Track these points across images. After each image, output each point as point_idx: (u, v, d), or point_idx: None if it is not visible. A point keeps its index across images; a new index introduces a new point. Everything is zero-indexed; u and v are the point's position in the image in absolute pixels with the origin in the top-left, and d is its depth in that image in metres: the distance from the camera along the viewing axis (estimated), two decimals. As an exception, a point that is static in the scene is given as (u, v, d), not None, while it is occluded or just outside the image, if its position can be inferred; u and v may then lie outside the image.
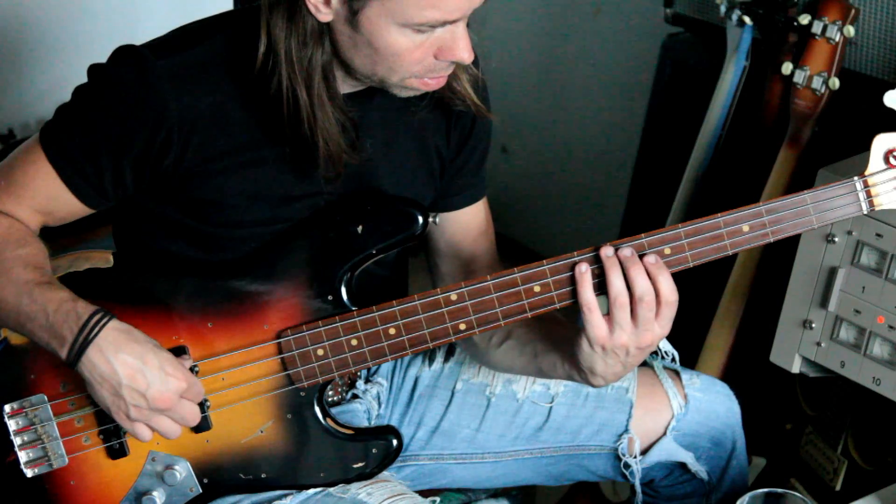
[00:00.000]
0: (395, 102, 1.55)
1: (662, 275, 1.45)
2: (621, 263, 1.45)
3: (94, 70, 1.50)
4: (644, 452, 1.74)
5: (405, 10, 1.38)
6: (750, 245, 1.49)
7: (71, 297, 1.45)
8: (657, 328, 1.46)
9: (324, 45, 1.44)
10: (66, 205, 1.52)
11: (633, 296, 1.45)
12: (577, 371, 1.52)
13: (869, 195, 1.48)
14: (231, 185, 1.51)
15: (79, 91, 1.51)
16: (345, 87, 1.52)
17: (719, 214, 1.48)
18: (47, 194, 1.51)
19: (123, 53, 1.48)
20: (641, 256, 1.46)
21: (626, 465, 1.74)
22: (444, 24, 1.40)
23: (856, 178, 1.48)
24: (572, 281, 1.48)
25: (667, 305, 1.46)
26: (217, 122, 1.48)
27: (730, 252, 1.49)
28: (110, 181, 1.50)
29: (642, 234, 1.48)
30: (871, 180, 1.48)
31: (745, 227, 1.48)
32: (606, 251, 1.46)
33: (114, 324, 1.44)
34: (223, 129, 1.49)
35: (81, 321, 1.42)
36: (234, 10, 1.55)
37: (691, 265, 1.49)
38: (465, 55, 1.44)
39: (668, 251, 1.48)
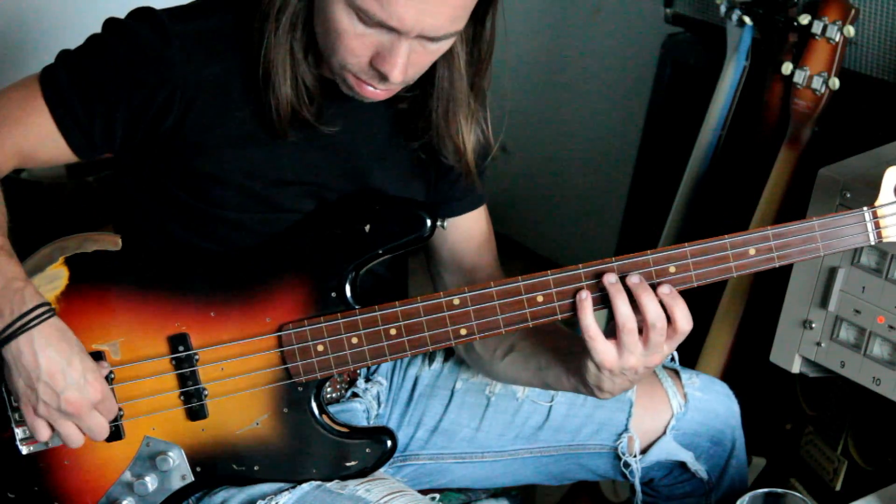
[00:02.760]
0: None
1: (678, 305, 1.44)
2: (629, 290, 1.44)
3: (109, 22, 1.52)
4: (644, 452, 1.74)
5: None
6: (755, 269, 1.48)
7: (23, 277, 1.44)
8: (666, 349, 1.46)
9: None
10: (53, 147, 1.52)
11: (646, 321, 1.43)
12: (583, 385, 1.52)
13: (877, 226, 1.47)
14: (228, 160, 1.52)
15: (90, 39, 1.53)
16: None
17: (726, 236, 1.47)
18: (37, 132, 1.51)
19: (142, 12, 1.51)
20: (655, 287, 1.44)
21: (626, 465, 1.74)
22: (381, 25, 1.38)
23: (865, 208, 1.48)
24: (576, 294, 1.47)
25: (681, 334, 1.45)
26: (219, 93, 1.50)
27: (735, 275, 1.48)
28: (100, 129, 1.51)
29: (648, 252, 1.47)
30: (880, 212, 1.47)
31: (752, 251, 1.47)
32: (609, 278, 1.45)
33: (53, 320, 1.43)
34: (224, 101, 1.50)
35: (26, 307, 1.41)
36: None
37: (695, 285, 1.48)
38: (395, 72, 1.40)
39: (672, 269, 1.47)
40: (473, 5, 1.42)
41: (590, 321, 1.45)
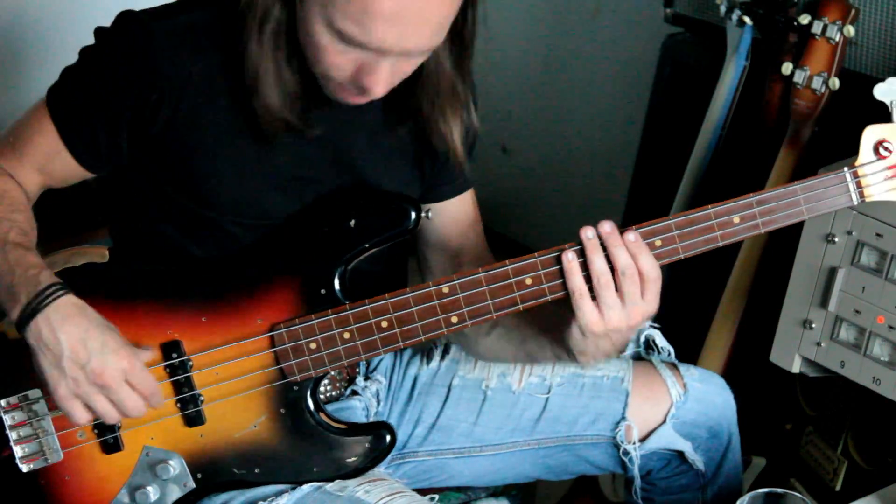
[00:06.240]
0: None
1: (643, 253, 1.46)
2: (602, 240, 1.46)
3: (98, 33, 1.54)
4: (643, 440, 1.74)
5: (331, 9, 1.37)
6: (741, 237, 1.49)
7: (41, 265, 1.47)
8: (644, 305, 1.47)
9: (283, 4, 1.43)
10: (64, 164, 1.56)
11: (616, 270, 1.45)
12: (566, 352, 1.54)
13: (859, 186, 1.49)
14: (220, 158, 1.52)
15: (83, 52, 1.55)
16: None
17: (710, 206, 1.48)
18: (47, 151, 1.55)
19: (124, 18, 1.51)
20: (622, 233, 1.46)
21: (626, 453, 1.74)
22: (361, 46, 1.38)
23: (846, 169, 1.49)
24: (564, 273, 1.48)
25: (650, 282, 1.47)
26: (206, 88, 1.50)
27: (721, 244, 1.49)
28: (104, 143, 1.53)
29: (632, 227, 1.48)
30: (861, 171, 1.49)
31: (736, 219, 1.48)
32: (586, 233, 1.47)
33: (68, 298, 1.44)
34: (211, 97, 1.51)
35: (39, 288, 1.44)
36: None
37: (682, 257, 1.49)
38: (377, 89, 1.42)
39: (658, 243, 1.48)
40: (453, 17, 1.42)
41: (578, 280, 1.46)
